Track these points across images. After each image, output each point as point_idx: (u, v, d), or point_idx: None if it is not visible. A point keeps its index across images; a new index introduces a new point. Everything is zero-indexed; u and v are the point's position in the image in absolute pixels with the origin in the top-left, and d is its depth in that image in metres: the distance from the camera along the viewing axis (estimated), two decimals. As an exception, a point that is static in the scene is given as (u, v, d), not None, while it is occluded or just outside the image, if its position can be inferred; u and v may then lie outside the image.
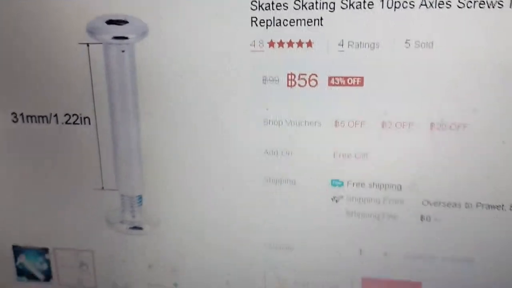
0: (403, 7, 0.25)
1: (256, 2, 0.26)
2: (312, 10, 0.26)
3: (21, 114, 0.31)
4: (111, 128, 0.30)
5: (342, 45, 0.26)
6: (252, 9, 0.27)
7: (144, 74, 0.29)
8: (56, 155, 0.32)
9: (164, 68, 0.29)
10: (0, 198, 0.34)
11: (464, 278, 0.29)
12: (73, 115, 0.31)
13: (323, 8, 0.26)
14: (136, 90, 0.29)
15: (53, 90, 0.30)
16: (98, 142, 0.31)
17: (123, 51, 0.28)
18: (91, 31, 0.28)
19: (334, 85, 0.27)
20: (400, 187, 0.28)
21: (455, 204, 0.28)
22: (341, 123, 0.28)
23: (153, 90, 0.29)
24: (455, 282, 0.29)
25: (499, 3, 0.24)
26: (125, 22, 0.28)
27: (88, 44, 0.29)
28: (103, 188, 0.32)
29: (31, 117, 0.31)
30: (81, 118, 0.31)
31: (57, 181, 0.32)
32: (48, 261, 0.35)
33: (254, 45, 0.27)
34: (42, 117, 0.31)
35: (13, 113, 0.31)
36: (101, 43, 0.29)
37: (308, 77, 0.27)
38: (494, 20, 0.24)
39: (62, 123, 0.31)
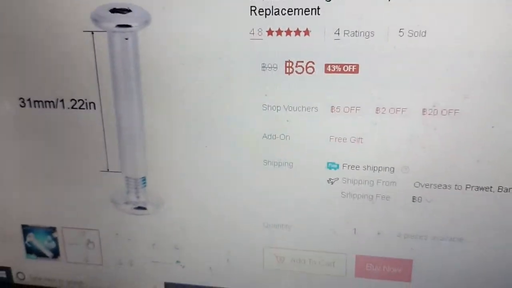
0: (398, -3, 0.26)
1: (255, -9, 0.27)
2: (309, -1, 0.27)
3: (29, 99, 0.32)
4: (115, 112, 0.31)
5: (338, 33, 0.27)
6: (251, -2, 0.27)
7: (147, 61, 0.30)
8: (62, 139, 0.33)
9: (166, 55, 0.29)
10: (9, 179, 0.35)
11: (454, 257, 0.30)
12: (79, 100, 0.32)
13: (320, -3, 0.27)
14: (139, 76, 0.30)
15: (59, 76, 0.31)
16: (103, 126, 0.32)
17: (126, 39, 0.29)
18: (96, 19, 0.29)
19: (330, 72, 0.28)
20: (392, 170, 0.29)
21: (446, 186, 0.29)
22: (336, 108, 0.29)
23: (156, 76, 0.30)
24: (445, 261, 0.31)
25: (489, -7, 0.25)
26: (129, 10, 0.29)
27: (92, 32, 0.30)
28: (108, 170, 0.33)
29: (38, 102, 0.32)
30: (86, 103, 0.32)
31: (64, 164, 0.34)
32: (55, 240, 0.36)
33: (253, 33, 0.28)
34: (49, 102, 0.32)
35: (21, 98, 0.32)
36: (105, 31, 0.29)
37: (305, 64, 0.28)
38: (485, 10, 0.25)
39: (68, 108, 0.32)
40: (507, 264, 0.30)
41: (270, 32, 0.28)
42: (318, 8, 0.27)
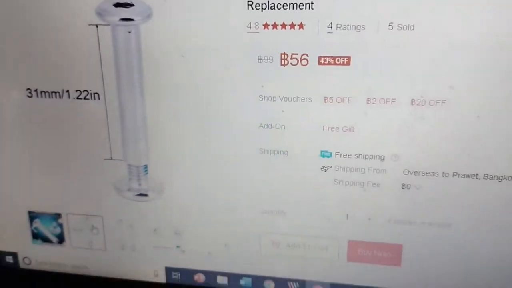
0: (388, -8, 0.27)
1: (251, -13, 0.29)
2: (304, -6, 0.28)
3: (36, 90, 0.34)
4: (118, 103, 0.33)
5: (331, 27, 0.28)
6: (248, -7, 0.29)
7: (149, 53, 0.31)
8: (68, 128, 0.34)
9: (167, 48, 0.31)
10: (16, 167, 0.36)
11: (443, 242, 0.32)
12: (84, 91, 0.33)
13: (313, -7, 0.28)
14: (141, 67, 0.32)
15: (65, 68, 0.33)
16: (107, 116, 0.33)
17: (129, 32, 0.31)
18: (100, 13, 0.31)
19: (324, 64, 0.29)
20: (383, 158, 0.31)
21: (433, 173, 0.30)
22: (329, 99, 0.30)
23: (157, 68, 0.31)
24: (434, 245, 0.32)
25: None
26: (131, 5, 0.30)
27: (97, 25, 0.31)
28: (111, 158, 0.35)
29: (45, 92, 0.34)
30: (91, 93, 0.33)
31: (69, 152, 0.35)
32: (61, 225, 0.38)
33: (250, 27, 0.29)
34: (55, 92, 0.33)
35: (28, 89, 0.34)
36: (109, 25, 0.31)
37: (300, 56, 0.29)
38: (470, 5, 0.27)
39: (74, 98, 0.33)
40: (493, 248, 0.31)
41: (266, 26, 0.29)
42: (312, 3, 0.28)
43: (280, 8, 0.29)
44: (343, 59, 0.29)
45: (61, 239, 0.38)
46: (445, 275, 0.33)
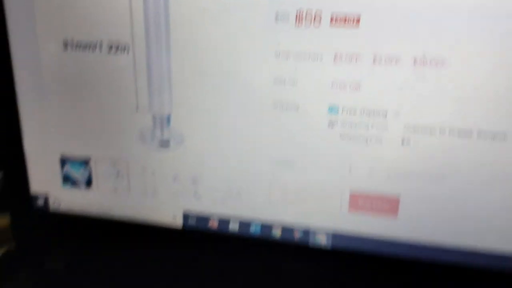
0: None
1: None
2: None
3: (72, 40, 0.37)
4: (146, 57, 0.36)
5: (344, -10, 0.31)
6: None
7: (175, 11, 0.34)
8: (99, 81, 0.37)
9: (192, 6, 0.34)
10: (51, 117, 0.39)
11: (436, 192, 0.34)
12: (115, 46, 0.36)
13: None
14: (168, 25, 0.34)
15: (98, 23, 0.35)
16: (135, 69, 0.36)
17: (159, -6, 0.34)
18: (133, -25, 0.34)
19: (335, 25, 0.32)
20: (385, 115, 0.33)
21: (431, 130, 0.33)
22: (339, 58, 0.33)
23: (183, 26, 0.34)
24: (428, 197, 0.35)
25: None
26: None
27: (130, -12, 0.34)
28: (138, 109, 0.37)
29: (79, 47, 0.37)
30: (121, 48, 0.36)
31: (100, 103, 0.38)
32: (89, 170, 0.41)
33: (268, -13, 0.32)
34: (89, 46, 0.36)
35: (64, 40, 0.37)
36: (140, -13, 0.34)
37: (313, 16, 0.32)
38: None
39: (105, 53, 0.36)
40: (481, 199, 0.34)
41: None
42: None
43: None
44: (353, 21, 0.31)
45: (89, 183, 0.41)
46: (438, 226, 0.35)
